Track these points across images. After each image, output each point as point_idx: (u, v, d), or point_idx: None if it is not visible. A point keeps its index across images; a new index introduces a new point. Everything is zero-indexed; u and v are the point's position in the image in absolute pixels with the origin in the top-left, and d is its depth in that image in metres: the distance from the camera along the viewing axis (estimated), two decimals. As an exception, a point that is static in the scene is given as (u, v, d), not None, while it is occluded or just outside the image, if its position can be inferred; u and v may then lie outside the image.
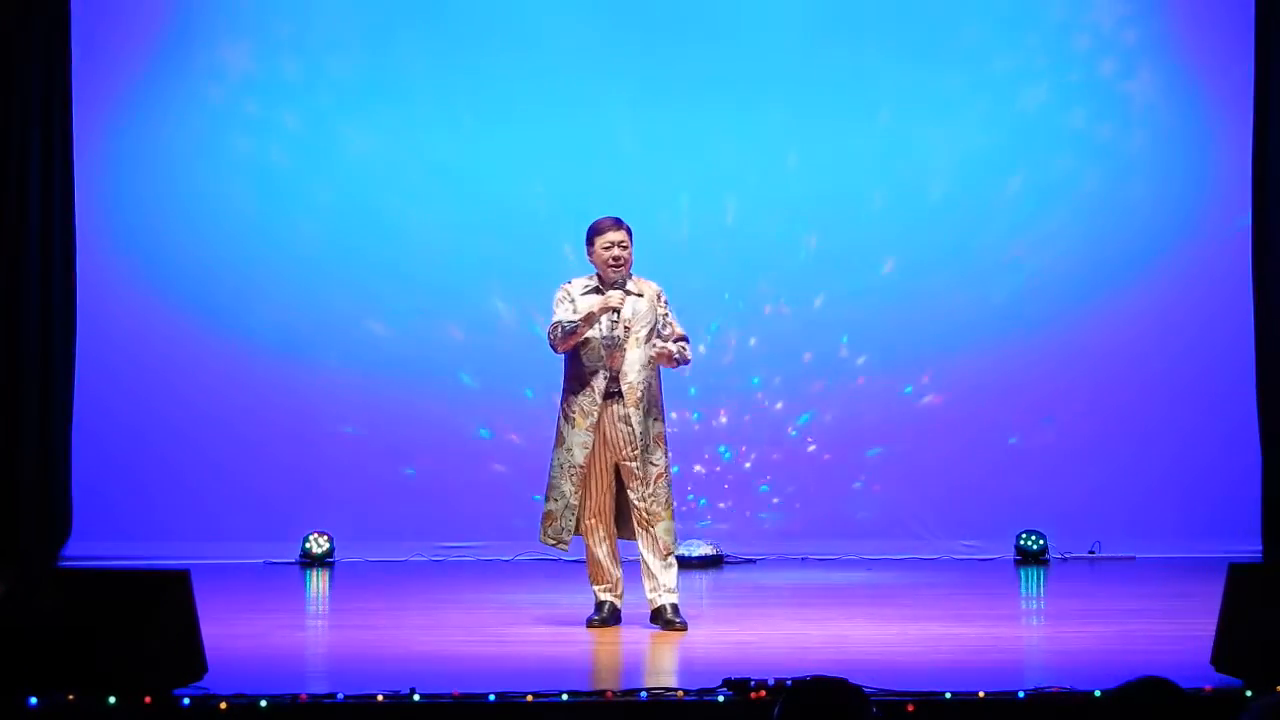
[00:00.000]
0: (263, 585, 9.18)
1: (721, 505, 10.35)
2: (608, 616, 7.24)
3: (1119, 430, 10.33)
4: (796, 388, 10.39)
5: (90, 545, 9.79)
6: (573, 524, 7.17)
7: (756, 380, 10.37)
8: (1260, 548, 9.97)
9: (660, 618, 7.17)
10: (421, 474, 10.27)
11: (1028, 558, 10.03)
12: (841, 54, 10.28)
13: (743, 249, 10.30)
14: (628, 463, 7.14)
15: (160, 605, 5.30)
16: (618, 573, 7.30)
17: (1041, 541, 10.05)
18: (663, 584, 7.18)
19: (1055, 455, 10.32)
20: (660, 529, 7.16)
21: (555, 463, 7.22)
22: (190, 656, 5.36)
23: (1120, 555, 10.08)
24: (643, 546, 7.19)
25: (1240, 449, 10.13)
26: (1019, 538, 10.09)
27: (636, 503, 7.17)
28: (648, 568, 7.20)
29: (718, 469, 10.38)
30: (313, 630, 7.97)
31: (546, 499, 7.25)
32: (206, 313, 10.13)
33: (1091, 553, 10.14)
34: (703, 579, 9.36)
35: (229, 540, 9.92)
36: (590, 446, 7.14)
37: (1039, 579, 9.47)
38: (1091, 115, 10.37)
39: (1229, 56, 10.22)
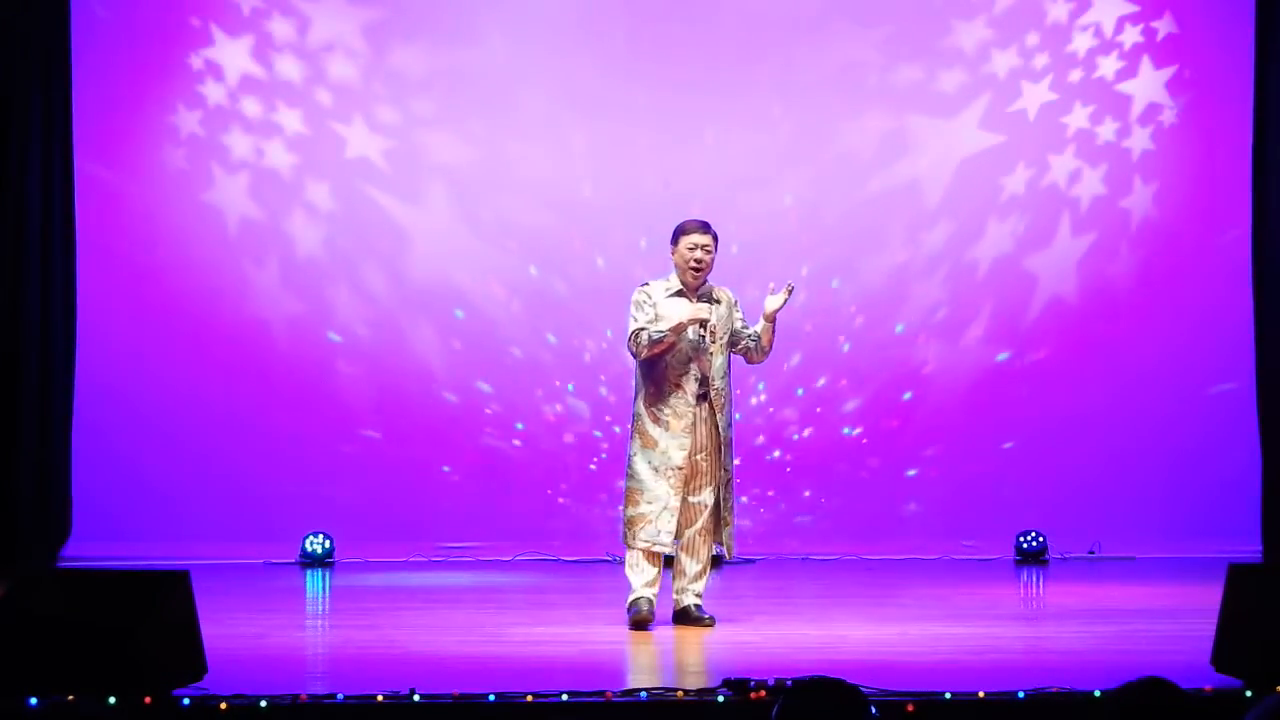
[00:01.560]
0: (263, 585, 9.17)
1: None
2: (650, 613, 7.16)
3: (1118, 430, 10.33)
4: (793, 389, 10.39)
5: (90, 545, 9.79)
6: (674, 526, 7.16)
7: (755, 382, 10.36)
8: (1260, 548, 9.97)
9: (688, 616, 7.23)
10: (422, 474, 10.26)
11: (1027, 558, 10.03)
12: (841, 53, 10.28)
13: (740, 249, 10.28)
14: (704, 464, 7.19)
15: (160, 605, 5.29)
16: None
17: (1041, 540, 10.05)
18: (692, 589, 7.25)
19: (1054, 456, 10.31)
20: (726, 534, 7.28)
21: (646, 465, 7.19)
22: (190, 656, 5.35)
23: (1120, 555, 10.08)
24: (688, 550, 7.22)
25: (1240, 449, 10.14)
26: (1019, 538, 10.09)
27: (697, 503, 7.20)
28: (681, 569, 7.26)
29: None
30: (313, 630, 7.96)
31: (635, 503, 7.20)
32: (206, 313, 10.12)
33: (1091, 553, 10.13)
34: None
35: (229, 540, 9.91)
36: (688, 448, 7.16)
37: (1039, 579, 9.47)
38: (1091, 115, 10.37)
39: (1229, 56, 10.22)
